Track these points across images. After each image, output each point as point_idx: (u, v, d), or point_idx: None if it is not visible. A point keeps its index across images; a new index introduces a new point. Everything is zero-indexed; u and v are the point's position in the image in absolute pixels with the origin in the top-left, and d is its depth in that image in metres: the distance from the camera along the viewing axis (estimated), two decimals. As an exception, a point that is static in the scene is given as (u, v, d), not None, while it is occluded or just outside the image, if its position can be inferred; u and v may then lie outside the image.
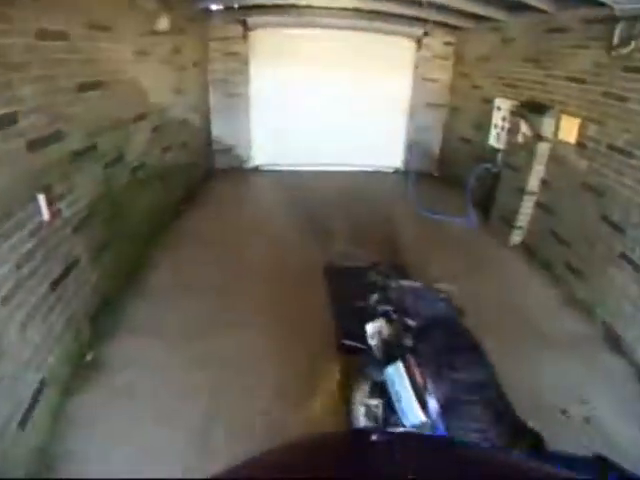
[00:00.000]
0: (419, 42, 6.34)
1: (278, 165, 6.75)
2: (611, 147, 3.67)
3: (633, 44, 3.40)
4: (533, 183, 4.63)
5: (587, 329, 3.45)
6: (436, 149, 7.03)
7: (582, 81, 3.95)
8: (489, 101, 5.59)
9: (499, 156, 5.34)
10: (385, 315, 2.28)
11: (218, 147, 6.45)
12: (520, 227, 4.86)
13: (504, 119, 5.17)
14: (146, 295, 3.57)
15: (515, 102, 4.93)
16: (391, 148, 6.97)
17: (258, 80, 6.27)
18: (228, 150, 6.49)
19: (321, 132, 6.60)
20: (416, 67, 6.42)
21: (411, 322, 2.10)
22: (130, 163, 3.60)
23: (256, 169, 6.74)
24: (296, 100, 6.41)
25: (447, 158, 6.96)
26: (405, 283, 2.58)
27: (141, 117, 3.86)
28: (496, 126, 5.36)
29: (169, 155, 4.59)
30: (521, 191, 4.72)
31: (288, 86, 6.36)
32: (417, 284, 2.58)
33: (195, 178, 5.69)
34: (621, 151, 3.55)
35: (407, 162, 6.97)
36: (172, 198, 4.72)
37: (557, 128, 4.33)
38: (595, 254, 3.71)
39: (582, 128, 4.00)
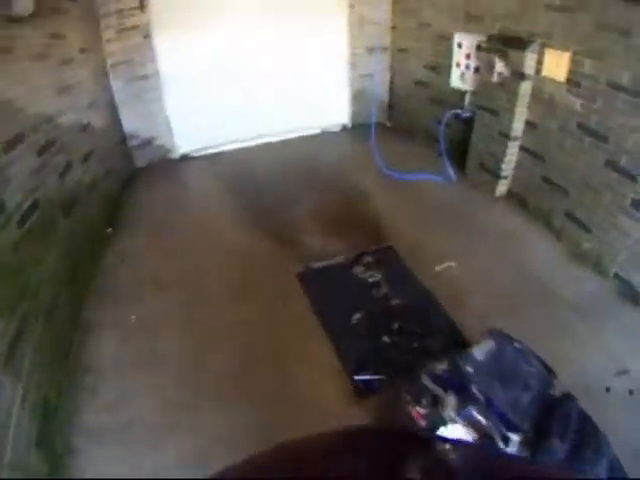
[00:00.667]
0: None
1: (209, 148, 5.62)
2: (613, 85, 3.35)
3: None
4: (517, 126, 4.27)
5: (601, 286, 3.30)
6: (385, 97, 6.35)
7: (570, 9, 3.48)
8: (446, 38, 4.98)
9: (467, 98, 4.89)
10: (466, 418, 1.66)
11: (134, 143, 5.16)
12: (505, 176, 4.54)
13: (468, 57, 4.63)
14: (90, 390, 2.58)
15: (482, 37, 4.36)
16: (335, 103, 6.18)
17: (168, 53, 4.92)
18: (147, 143, 5.24)
19: (253, 99, 5.55)
20: (351, 6, 5.46)
21: (514, 437, 1.54)
22: (13, 212, 2.52)
23: (184, 158, 5.55)
24: (218, 68, 5.20)
25: (400, 106, 6.35)
26: (477, 354, 1.88)
27: (15, 141, 2.68)
28: (459, 65, 4.83)
29: (71, 177, 3.45)
30: (503, 136, 4.37)
31: (205, 53, 5.11)
32: (490, 343, 1.94)
33: (114, 190, 4.50)
34: (625, 90, 3.26)
35: (354, 115, 6.22)
36: (90, 230, 3.62)
37: (540, 64, 3.87)
38: (601, 203, 3.49)
39: (573, 64, 3.60)
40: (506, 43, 4.01)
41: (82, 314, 3.01)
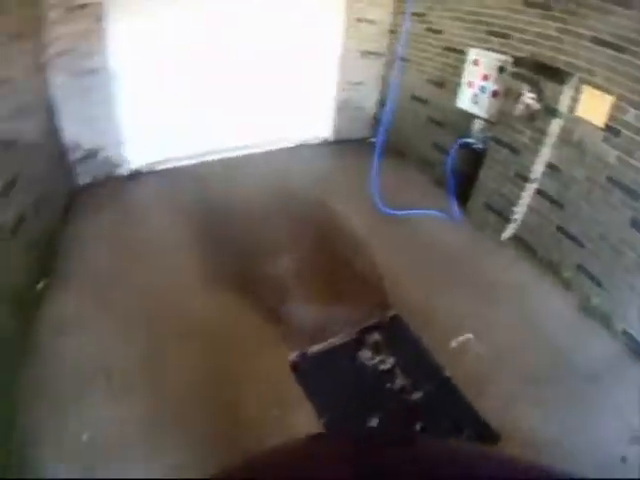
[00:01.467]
0: None
1: (166, 162, 4.69)
2: None
3: None
4: (537, 168, 3.75)
5: (610, 343, 3.18)
6: (372, 109, 5.66)
7: (619, 48, 2.97)
8: (457, 51, 4.37)
9: (475, 125, 4.31)
10: None
11: (77, 155, 4.16)
12: (515, 219, 4.07)
13: (486, 78, 4.05)
14: None
15: (506, 58, 3.78)
16: (317, 112, 5.44)
17: (122, 43, 3.92)
18: (91, 156, 4.26)
19: (224, 105, 4.71)
20: (349, 3, 4.68)
21: None
22: None
23: (135, 175, 4.59)
24: (184, 64, 4.29)
25: (392, 122, 5.68)
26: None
27: None
28: (471, 85, 4.26)
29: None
30: (520, 177, 3.91)
31: (168, 46, 4.15)
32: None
33: (48, 224, 3.54)
34: None
35: (338, 129, 5.52)
36: (12, 290, 2.76)
37: (574, 102, 3.37)
38: (620, 261, 3.28)
39: (615, 109, 3.12)
40: (539, 71, 3.47)
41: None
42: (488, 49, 4.00)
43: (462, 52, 4.30)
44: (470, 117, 4.39)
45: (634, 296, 3.12)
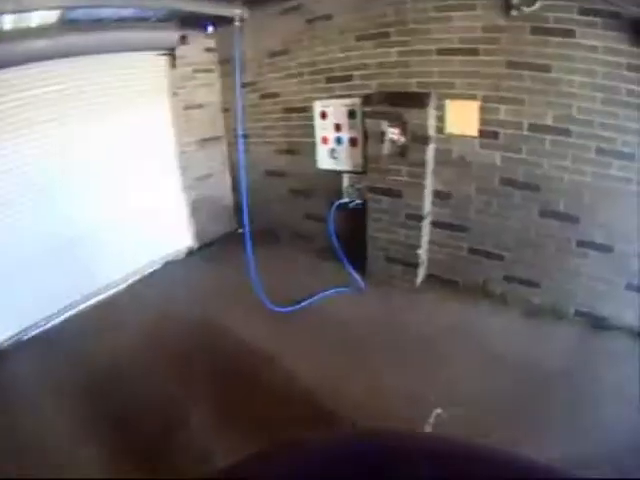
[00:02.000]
0: (172, 55, 4.02)
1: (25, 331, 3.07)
2: (538, 129, 2.96)
3: (538, 2, 2.68)
4: (427, 201, 3.38)
5: (570, 330, 3.03)
6: (229, 198, 4.91)
7: (472, 52, 2.95)
8: (300, 109, 4.02)
9: (345, 181, 3.86)
10: None
11: None
12: (422, 261, 3.56)
13: (338, 128, 3.71)
14: None
15: (354, 100, 3.52)
16: (172, 224, 4.44)
17: None
18: None
19: (75, 251, 3.54)
20: (174, 94, 4.07)
21: None
22: None
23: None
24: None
25: (253, 206, 4.97)
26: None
27: None
28: (325, 141, 3.85)
29: None
30: (413, 218, 3.45)
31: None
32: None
33: None
34: (552, 129, 2.90)
35: (200, 233, 4.55)
36: None
37: (441, 121, 3.18)
38: (544, 254, 3.17)
39: (485, 112, 3.00)
40: (394, 102, 3.25)
41: None
42: (332, 97, 3.76)
43: (305, 109, 3.99)
44: (336, 175, 3.95)
45: (571, 276, 3.08)
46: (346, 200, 3.85)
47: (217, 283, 3.96)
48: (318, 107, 3.86)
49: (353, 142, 3.74)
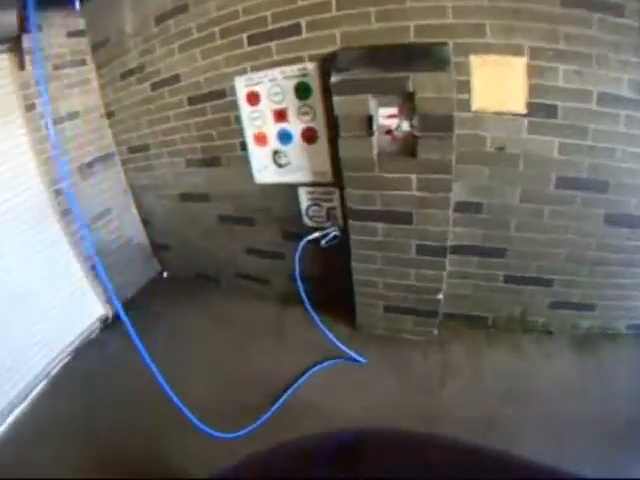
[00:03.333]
0: (17, 49, 2.34)
1: None
2: (609, 99, 1.93)
3: None
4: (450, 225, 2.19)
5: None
6: (141, 238, 3.29)
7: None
8: (215, 95, 2.50)
9: (305, 200, 2.50)
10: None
11: None
12: (439, 301, 2.41)
13: (282, 115, 2.36)
14: None
15: (305, 65, 2.14)
16: (65, 294, 2.83)
17: None
18: None
19: None
20: (29, 106, 2.43)
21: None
22: None
23: None
24: None
25: (172, 243, 3.39)
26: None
27: None
28: (262, 140, 2.44)
29: None
30: (431, 251, 2.24)
31: None
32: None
33: None
34: (632, 103, 1.91)
35: (121, 288, 2.91)
36: None
37: (463, 92, 1.92)
38: (603, 269, 2.31)
39: (537, 75, 1.79)
40: (387, 63, 1.87)
41: None
42: (264, 66, 2.27)
43: (222, 93, 2.46)
44: (289, 191, 2.53)
45: (630, 291, 2.33)
46: (316, 236, 2.44)
47: (145, 381, 2.30)
48: (242, 86, 2.36)
49: (310, 136, 2.34)
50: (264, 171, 2.57)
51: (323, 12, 2.03)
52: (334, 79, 1.92)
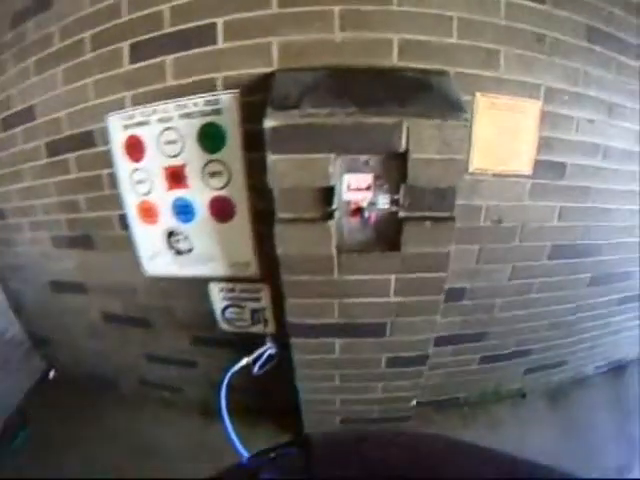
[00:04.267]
0: None
1: None
2: (612, 153, 1.37)
3: None
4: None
5: None
6: (14, 327, 1.82)
7: None
8: (79, 141, 1.30)
9: (219, 299, 1.45)
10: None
11: None
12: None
13: (178, 178, 1.22)
14: None
15: (217, 99, 1.13)
16: None
17: None
18: None
19: None
20: None
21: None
22: None
23: None
24: None
25: (54, 333, 1.94)
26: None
27: None
28: (151, 214, 1.28)
29: None
30: (407, 362, 1.45)
31: None
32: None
33: None
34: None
35: None
36: None
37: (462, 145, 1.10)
38: (583, 327, 1.83)
39: (549, 125, 1.09)
40: (366, 99, 0.92)
41: None
42: (150, 97, 1.17)
43: (90, 139, 1.28)
44: (199, 286, 1.45)
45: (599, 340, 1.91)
46: (243, 364, 1.42)
47: None
48: (118, 129, 1.24)
49: (222, 211, 1.31)
50: (157, 259, 1.47)
51: (255, 7, 1.03)
52: (270, 122, 0.94)
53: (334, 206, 1.03)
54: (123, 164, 1.32)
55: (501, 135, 1.14)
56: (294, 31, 1.03)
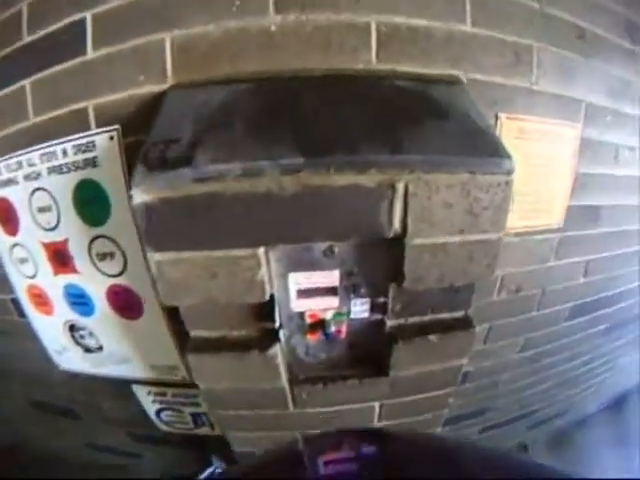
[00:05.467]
0: None
1: None
2: None
3: None
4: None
5: None
6: None
7: None
8: None
9: (149, 402, 0.87)
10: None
11: None
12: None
13: (64, 259, 0.63)
14: None
15: (105, 135, 0.58)
16: None
17: None
18: None
19: None
20: None
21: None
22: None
23: None
24: None
25: None
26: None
27: None
28: (43, 302, 0.69)
29: None
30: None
31: None
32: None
33: None
34: None
35: None
36: None
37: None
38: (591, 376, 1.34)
39: (591, 155, 0.52)
40: (327, 139, 0.35)
41: None
42: (11, 144, 0.59)
43: None
44: (121, 387, 0.85)
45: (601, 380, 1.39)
46: None
47: None
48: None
49: (125, 303, 0.74)
50: (66, 354, 0.89)
51: None
52: (142, 195, 0.38)
53: (277, 323, 0.48)
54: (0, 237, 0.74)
55: (530, 176, 0.63)
56: (199, 18, 0.48)
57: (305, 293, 0.48)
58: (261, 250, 0.41)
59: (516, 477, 0.34)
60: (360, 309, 0.50)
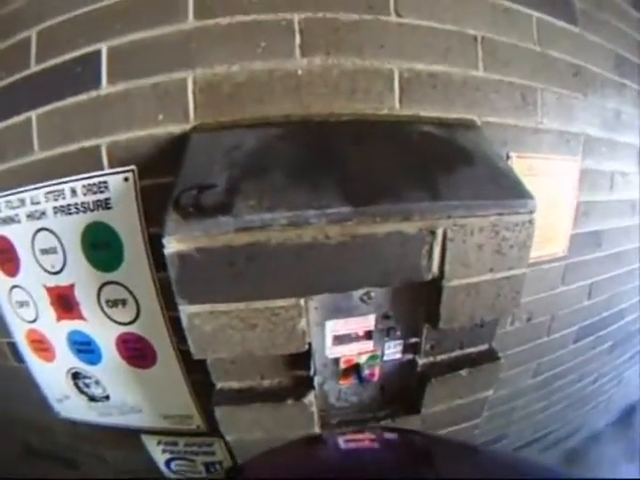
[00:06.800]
0: None
1: None
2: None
3: None
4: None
5: None
6: None
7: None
8: None
9: (159, 453, 0.84)
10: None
11: None
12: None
13: (68, 305, 0.64)
14: None
15: (118, 177, 0.58)
16: None
17: None
18: None
19: None
20: None
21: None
22: None
23: None
24: None
25: None
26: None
27: None
28: (44, 347, 0.69)
29: None
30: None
31: None
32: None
33: None
34: None
35: None
36: None
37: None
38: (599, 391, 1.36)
39: (589, 185, 0.60)
40: (363, 189, 0.37)
41: None
42: (14, 181, 0.57)
43: None
44: (128, 436, 0.81)
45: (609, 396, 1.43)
46: None
47: None
48: None
49: (135, 352, 0.72)
50: (67, 402, 0.83)
51: (160, 21, 0.48)
52: (175, 244, 0.38)
53: (312, 371, 0.47)
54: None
55: (539, 210, 0.66)
56: (223, 57, 0.49)
57: (340, 339, 0.48)
58: (302, 299, 0.41)
59: (516, 477, 0.34)
60: (393, 351, 0.51)
